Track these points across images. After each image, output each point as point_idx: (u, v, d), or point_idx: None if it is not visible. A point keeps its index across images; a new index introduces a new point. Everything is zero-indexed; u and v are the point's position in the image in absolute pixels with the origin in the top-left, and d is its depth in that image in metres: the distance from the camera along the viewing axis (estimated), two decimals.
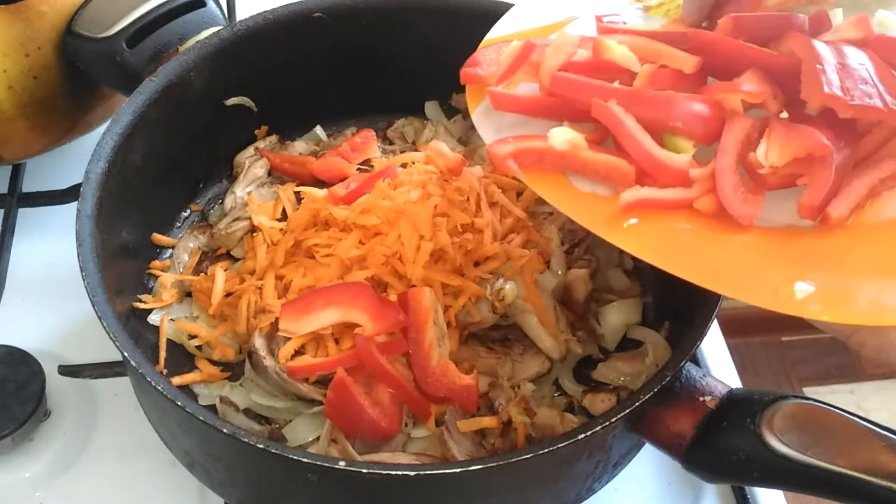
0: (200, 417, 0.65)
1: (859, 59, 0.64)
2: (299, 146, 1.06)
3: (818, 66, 0.61)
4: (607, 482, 0.78)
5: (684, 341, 0.74)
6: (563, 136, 0.66)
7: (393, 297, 0.82)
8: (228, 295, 0.88)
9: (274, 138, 1.06)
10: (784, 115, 0.65)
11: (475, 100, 0.76)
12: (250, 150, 1.04)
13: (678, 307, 0.82)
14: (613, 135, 0.66)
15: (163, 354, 0.86)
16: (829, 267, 0.59)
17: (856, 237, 0.62)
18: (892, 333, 0.58)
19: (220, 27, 0.99)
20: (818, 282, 0.57)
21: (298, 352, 0.82)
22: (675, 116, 0.64)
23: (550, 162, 0.67)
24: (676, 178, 0.63)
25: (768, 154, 0.61)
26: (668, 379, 0.69)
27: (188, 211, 1.01)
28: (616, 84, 0.68)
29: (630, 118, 0.65)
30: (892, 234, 0.62)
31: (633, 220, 0.62)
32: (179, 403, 0.66)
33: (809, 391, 2.33)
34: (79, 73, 0.99)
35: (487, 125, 0.73)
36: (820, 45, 0.63)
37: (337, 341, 0.82)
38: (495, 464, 0.64)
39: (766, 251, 0.61)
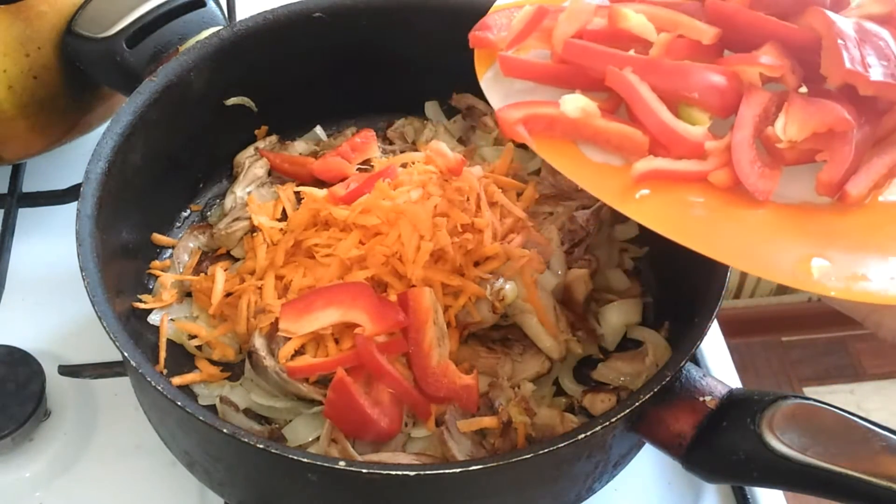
0: (200, 417, 0.65)
1: (881, 36, 0.63)
2: (299, 146, 1.06)
3: (839, 41, 0.60)
4: (607, 482, 0.78)
5: (684, 341, 0.73)
6: (575, 103, 0.64)
7: (393, 297, 0.82)
8: (228, 295, 0.88)
9: (274, 138, 1.06)
10: (803, 89, 0.64)
11: (484, 65, 0.74)
12: (250, 150, 1.04)
13: (678, 307, 0.82)
14: (627, 104, 0.64)
15: (163, 354, 0.86)
16: (846, 245, 0.58)
17: (874, 216, 0.61)
18: None
19: (220, 27, 0.99)
20: (835, 259, 0.56)
21: (298, 352, 0.82)
22: (692, 87, 0.63)
23: (561, 129, 0.65)
24: (691, 150, 0.62)
25: (787, 128, 0.60)
26: (668, 379, 0.69)
27: (188, 211, 1.01)
28: (631, 53, 0.67)
29: (645, 87, 0.63)
30: None
31: (646, 192, 0.61)
32: (179, 403, 0.66)
33: (809, 391, 2.33)
34: (79, 73, 0.99)
35: (496, 91, 0.72)
36: (841, 20, 0.62)
37: (337, 341, 0.82)
38: (495, 464, 0.64)
39: (782, 227, 0.60)
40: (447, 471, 0.64)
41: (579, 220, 0.92)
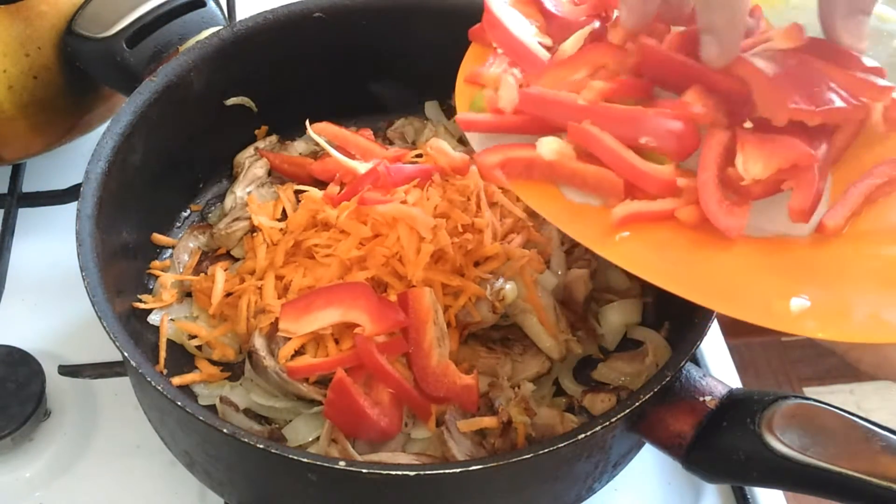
0: (200, 417, 0.65)
1: (805, 65, 0.63)
2: (299, 146, 1.06)
3: (772, 82, 0.60)
4: (607, 482, 0.78)
5: (684, 341, 0.74)
6: (550, 146, 0.65)
7: (393, 298, 0.82)
8: (228, 295, 0.88)
9: (274, 138, 1.06)
10: (748, 125, 0.64)
11: (464, 105, 0.74)
12: (250, 150, 1.04)
13: (678, 307, 0.81)
14: (595, 154, 0.64)
15: (163, 354, 0.86)
16: (825, 280, 0.58)
17: (852, 247, 0.61)
18: (890, 350, 0.57)
19: (220, 27, 0.99)
20: (814, 296, 0.56)
21: (298, 352, 0.82)
22: (649, 132, 0.62)
23: (539, 172, 0.65)
24: (665, 188, 0.62)
25: (748, 167, 0.60)
26: (668, 379, 0.69)
27: (188, 211, 1.01)
28: (580, 100, 0.66)
29: (608, 136, 0.63)
30: (888, 243, 0.61)
31: (625, 233, 0.61)
32: (179, 403, 0.66)
33: (809, 391, 2.33)
34: (79, 73, 0.99)
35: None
36: (763, 63, 0.62)
37: (337, 341, 0.82)
38: (495, 464, 0.64)
39: (761, 263, 0.60)
40: (447, 471, 0.64)
41: None
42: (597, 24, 0.73)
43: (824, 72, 0.63)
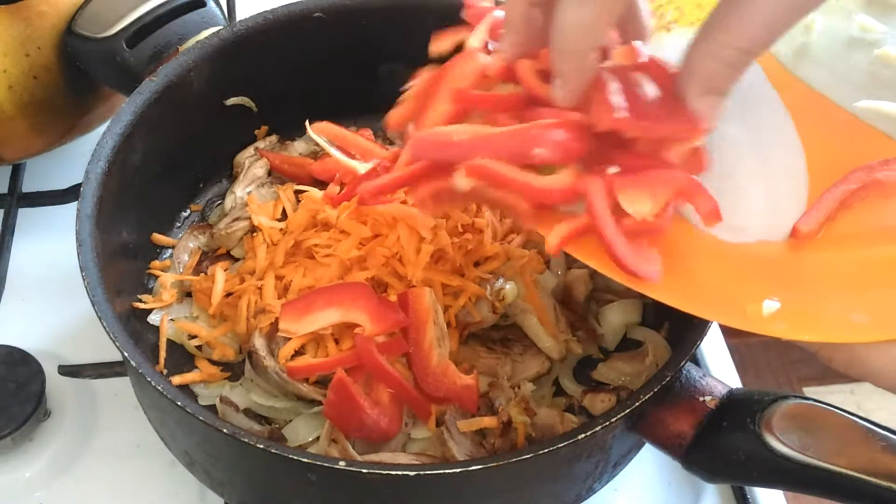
0: (200, 417, 0.65)
1: (643, 83, 0.61)
2: (299, 146, 1.06)
3: (607, 95, 0.59)
4: (607, 482, 0.78)
5: (684, 341, 0.74)
6: (464, 181, 0.61)
7: (393, 298, 0.82)
8: (228, 295, 0.88)
9: (274, 138, 1.06)
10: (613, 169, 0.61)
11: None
12: (250, 150, 1.04)
13: None
14: (496, 186, 0.61)
15: (163, 354, 0.86)
16: (798, 283, 0.59)
17: (826, 251, 0.62)
18: (860, 349, 0.58)
19: (220, 27, 0.99)
20: (785, 298, 0.56)
21: (298, 352, 0.82)
22: (537, 145, 0.59)
23: (462, 202, 0.65)
24: (567, 196, 0.60)
25: (636, 207, 0.57)
26: (668, 379, 0.69)
27: (188, 211, 1.01)
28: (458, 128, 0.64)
29: (502, 165, 0.60)
30: (861, 247, 0.61)
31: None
32: (179, 403, 0.66)
33: (809, 391, 2.33)
34: (79, 73, 0.99)
35: None
36: (606, 76, 0.61)
37: (337, 341, 0.82)
38: (495, 464, 0.64)
39: (736, 267, 0.60)
40: (447, 471, 0.64)
41: None
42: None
43: (661, 93, 0.61)
